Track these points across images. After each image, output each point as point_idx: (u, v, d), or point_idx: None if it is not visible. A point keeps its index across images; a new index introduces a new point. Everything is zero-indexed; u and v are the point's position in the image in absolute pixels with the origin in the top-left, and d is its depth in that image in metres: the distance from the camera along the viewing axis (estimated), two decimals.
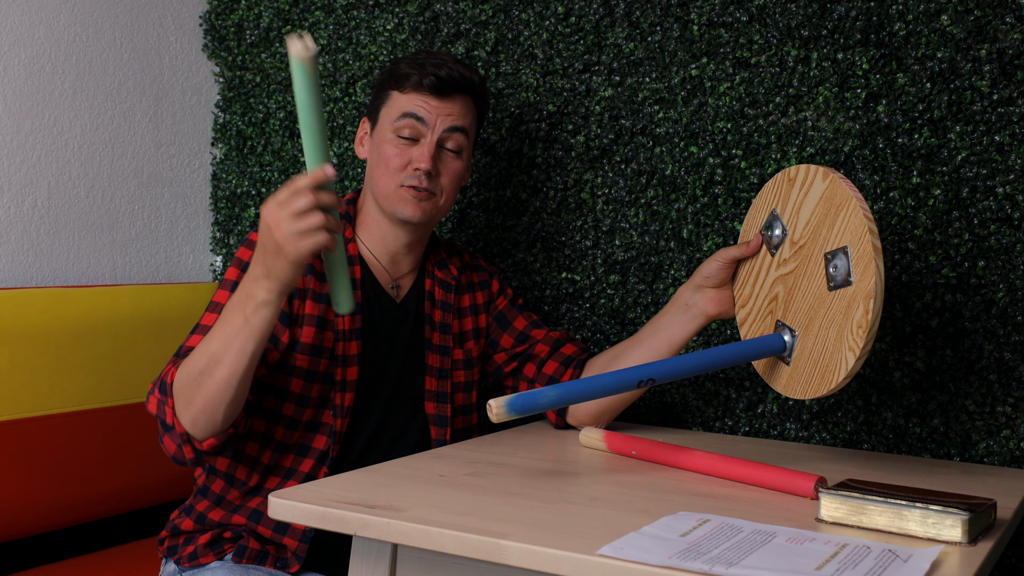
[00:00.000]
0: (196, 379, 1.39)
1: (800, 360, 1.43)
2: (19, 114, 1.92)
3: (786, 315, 1.46)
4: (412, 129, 1.62)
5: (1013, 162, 1.59)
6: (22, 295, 1.80)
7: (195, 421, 1.41)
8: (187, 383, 1.40)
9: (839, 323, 1.35)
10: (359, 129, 1.71)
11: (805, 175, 1.45)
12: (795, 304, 1.45)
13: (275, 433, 1.56)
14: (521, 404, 1.35)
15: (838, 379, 1.34)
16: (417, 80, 1.62)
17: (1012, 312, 1.60)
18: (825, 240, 1.40)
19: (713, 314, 1.59)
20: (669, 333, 1.62)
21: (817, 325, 1.39)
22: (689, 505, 1.23)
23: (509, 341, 1.73)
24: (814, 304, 1.40)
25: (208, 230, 2.30)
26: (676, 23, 1.82)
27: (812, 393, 1.39)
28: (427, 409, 1.67)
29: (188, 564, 1.56)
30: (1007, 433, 1.61)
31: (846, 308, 1.34)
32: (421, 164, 1.61)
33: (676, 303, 1.62)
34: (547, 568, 1.04)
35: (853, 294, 1.33)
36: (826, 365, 1.37)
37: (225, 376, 1.37)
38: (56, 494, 1.80)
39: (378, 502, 1.18)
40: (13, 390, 1.74)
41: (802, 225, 1.45)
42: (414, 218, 1.62)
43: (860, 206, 1.34)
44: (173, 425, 1.42)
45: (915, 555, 1.05)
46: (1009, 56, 1.60)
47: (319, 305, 1.58)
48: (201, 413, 1.40)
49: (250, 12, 2.22)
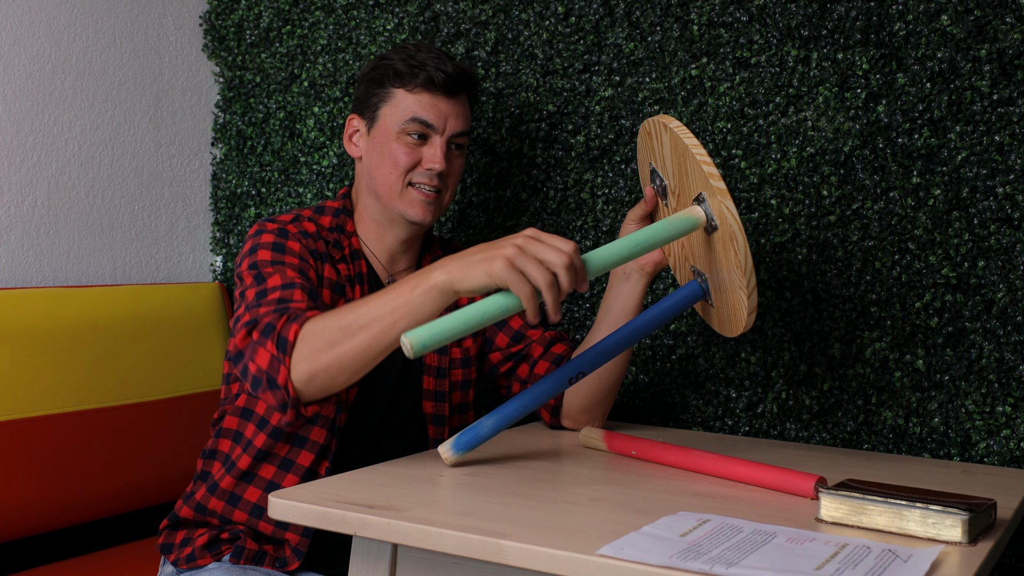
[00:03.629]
0: (331, 336, 1.32)
1: (717, 301, 1.46)
2: (19, 114, 1.92)
3: (695, 261, 1.50)
4: (423, 129, 1.62)
5: (1013, 162, 1.59)
6: (22, 295, 1.80)
7: (312, 379, 1.34)
8: (319, 340, 1.33)
9: (726, 265, 1.39)
10: (348, 126, 1.69)
11: (654, 128, 1.48)
12: (696, 250, 1.48)
13: (272, 417, 1.55)
14: (466, 441, 1.38)
15: (743, 317, 1.38)
16: (427, 78, 1.61)
17: (1012, 312, 1.60)
18: (690, 187, 1.43)
19: (650, 269, 1.61)
20: (621, 304, 1.62)
21: (715, 268, 1.43)
22: (689, 505, 1.23)
23: (504, 340, 1.73)
24: (706, 248, 1.44)
25: (208, 230, 2.30)
26: (676, 23, 1.82)
27: (734, 331, 1.43)
28: (424, 408, 1.67)
29: (186, 565, 1.56)
30: (1007, 433, 1.61)
31: (723, 250, 1.38)
32: (435, 165, 1.61)
33: (615, 278, 1.64)
34: (547, 568, 1.04)
35: (722, 237, 1.37)
36: (733, 304, 1.41)
37: (365, 343, 1.31)
38: (56, 494, 1.80)
39: (378, 502, 1.18)
40: (13, 390, 1.74)
41: (671, 175, 1.48)
42: (423, 220, 1.63)
43: (695, 152, 1.36)
44: (284, 386, 1.35)
45: (915, 555, 1.05)
46: (1009, 56, 1.60)
47: (333, 295, 1.59)
48: (324, 372, 1.33)
49: (250, 12, 2.22)
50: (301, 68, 2.16)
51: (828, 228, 1.71)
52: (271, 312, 1.41)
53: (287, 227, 1.58)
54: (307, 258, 1.55)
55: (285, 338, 1.35)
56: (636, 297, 1.61)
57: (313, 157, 2.14)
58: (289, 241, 1.55)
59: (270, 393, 1.37)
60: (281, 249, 1.54)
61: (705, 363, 1.81)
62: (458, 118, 1.64)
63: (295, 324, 1.36)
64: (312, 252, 1.57)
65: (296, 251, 1.55)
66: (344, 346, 1.32)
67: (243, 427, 1.58)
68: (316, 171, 2.14)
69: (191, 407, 2.02)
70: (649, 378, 1.86)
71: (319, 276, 1.57)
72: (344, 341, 1.32)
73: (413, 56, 1.63)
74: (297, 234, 1.57)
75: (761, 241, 1.76)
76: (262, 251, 1.53)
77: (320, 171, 2.14)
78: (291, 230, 1.57)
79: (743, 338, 1.77)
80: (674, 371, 1.84)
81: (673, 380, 1.84)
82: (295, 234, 1.57)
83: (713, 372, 1.80)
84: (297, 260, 1.54)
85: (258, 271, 1.50)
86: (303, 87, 2.16)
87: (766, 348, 1.76)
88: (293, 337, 1.35)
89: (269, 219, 1.60)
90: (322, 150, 2.13)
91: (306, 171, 2.15)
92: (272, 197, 2.20)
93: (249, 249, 1.55)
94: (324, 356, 1.33)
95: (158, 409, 1.97)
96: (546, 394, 1.43)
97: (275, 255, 1.53)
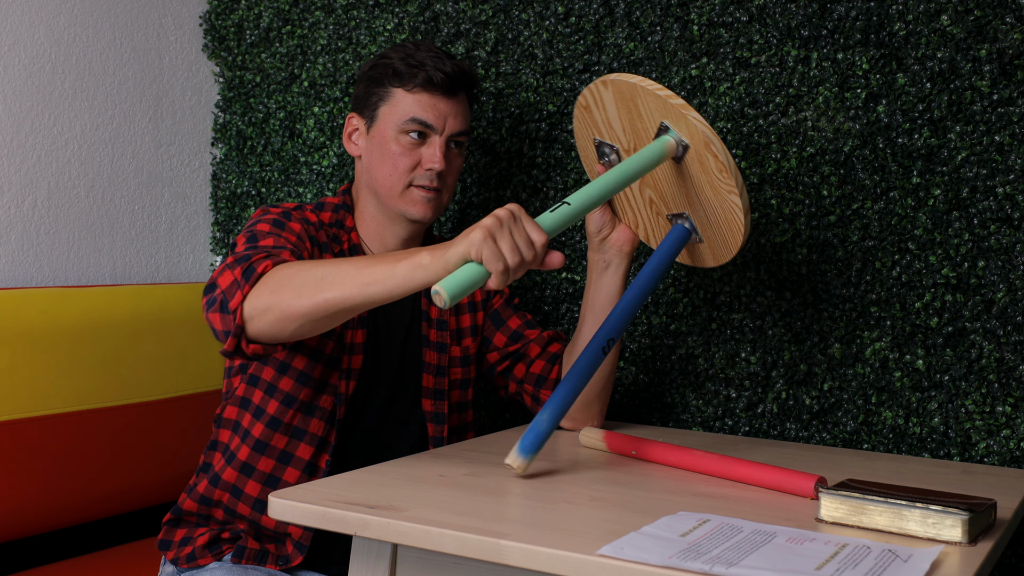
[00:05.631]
0: (300, 282, 1.30)
1: (707, 230, 1.47)
2: (19, 114, 1.92)
3: (670, 207, 1.51)
4: (422, 129, 1.62)
5: (1013, 162, 1.59)
6: (22, 295, 1.80)
7: (264, 312, 1.32)
8: (287, 281, 1.32)
9: (707, 181, 1.40)
10: (347, 125, 1.69)
11: (592, 96, 1.49)
12: (668, 193, 1.49)
13: (268, 406, 1.56)
14: (530, 443, 1.35)
15: (741, 221, 1.40)
16: (426, 78, 1.61)
17: (1012, 312, 1.60)
18: (646, 131, 1.44)
19: (627, 250, 1.62)
20: (604, 293, 1.63)
21: (695, 196, 1.44)
22: (689, 505, 1.23)
23: (502, 340, 1.73)
24: (679, 182, 1.45)
25: (208, 230, 2.30)
26: (676, 23, 1.82)
27: (735, 246, 1.44)
28: (424, 406, 1.67)
29: (186, 565, 1.56)
30: (1007, 433, 1.61)
31: (701, 167, 1.39)
32: (435, 165, 1.61)
33: (593, 269, 1.64)
34: (547, 568, 1.04)
35: (696, 154, 1.38)
36: (727, 218, 1.42)
37: (331, 300, 1.28)
38: (56, 494, 1.80)
39: (378, 502, 1.18)
40: (13, 390, 1.74)
41: (622, 135, 1.49)
42: (424, 218, 1.63)
43: (645, 85, 1.39)
44: (234, 311, 1.33)
45: (915, 555, 1.05)
46: (1009, 56, 1.60)
47: None
48: (279, 311, 1.31)
49: (250, 12, 2.22)
50: (301, 68, 2.17)
51: (828, 228, 1.71)
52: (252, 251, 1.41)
53: (291, 211, 1.59)
54: (305, 240, 1.55)
55: (254, 269, 1.35)
56: (618, 283, 1.63)
57: (313, 157, 2.15)
58: (290, 222, 1.56)
59: (219, 316, 1.35)
60: (280, 225, 1.54)
61: (705, 363, 1.81)
62: (457, 118, 1.64)
63: (268, 261, 1.36)
64: (312, 239, 1.58)
65: (296, 231, 1.55)
66: (308, 295, 1.30)
67: (241, 416, 1.59)
68: (316, 171, 2.14)
69: (191, 407, 2.02)
70: (649, 378, 1.86)
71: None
72: (311, 291, 1.29)
73: (412, 55, 1.63)
74: (300, 218, 1.58)
75: (761, 241, 1.76)
76: (261, 224, 1.53)
77: (320, 171, 2.14)
78: (294, 215, 1.59)
79: (743, 338, 1.77)
80: (674, 371, 1.84)
81: (673, 380, 1.84)
82: (297, 218, 1.58)
83: (713, 372, 1.80)
84: (295, 237, 1.53)
85: (252, 233, 1.50)
86: (303, 87, 2.16)
87: (766, 348, 1.76)
88: (262, 270, 1.34)
89: (272, 204, 1.61)
90: (322, 150, 2.13)
91: (306, 171, 2.15)
92: (272, 197, 2.20)
93: (247, 226, 1.56)
94: (286, 294, 1.31)
95: (158, 409, 1.97)
96: (585, 371, 1.42)
97: (273, 228, 1.53)
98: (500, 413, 2.00)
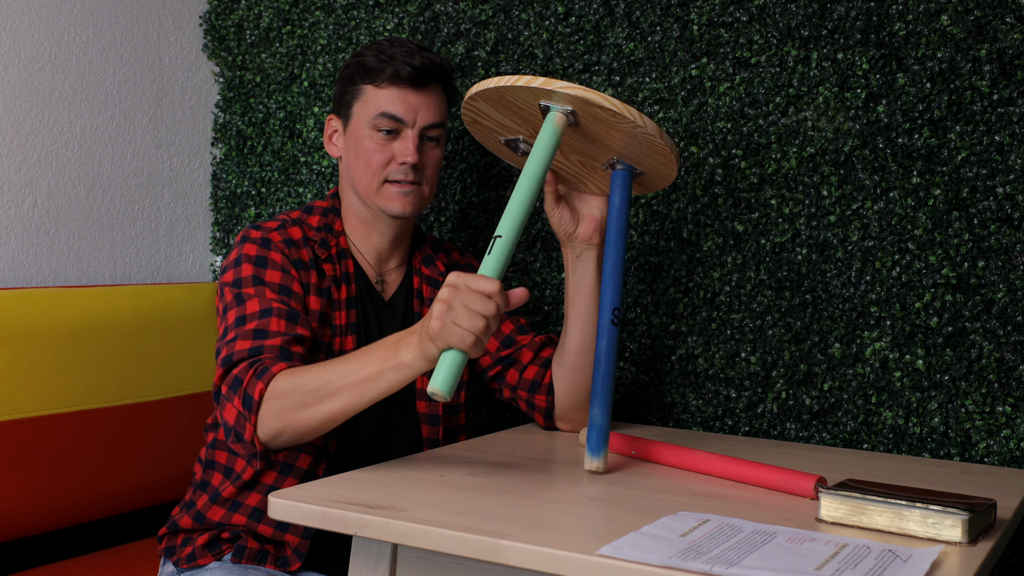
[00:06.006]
0: (300, 398, 1.35)
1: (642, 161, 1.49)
2: (19, 114, 1.92)
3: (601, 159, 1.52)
4: (392, 124, 1.61)
5: (1013, 162, 1.59)
6: (22, 295, 1.80)
7: (279, 435, 1.38)
8: (287, 400, 1.36)
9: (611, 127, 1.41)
10: (327, 127, 1.70)
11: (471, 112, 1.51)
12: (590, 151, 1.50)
13: None
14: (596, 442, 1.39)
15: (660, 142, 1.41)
16: (393, 72, 1.60)
17: (1012, 312, 1.60)
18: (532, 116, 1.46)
19: (596, 241, 1.62)
20: (584, 285, 1.63)
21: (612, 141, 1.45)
22: (689, 505, 1.23)
23: (494, 345, 1.72)
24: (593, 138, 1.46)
25: (208, 230, 2.30)
26: (676, 23, 1.82)
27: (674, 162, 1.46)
28: (418, 408, 1.67)
29: (187, 565, 1.56)
30: (1007, 433, 1.61)
31: (597, 121, 1.41)
32: (407, 158, 1.60)
33: (568, 265, 1.65)
34: (547, 568, 1.04)
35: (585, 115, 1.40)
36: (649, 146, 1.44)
37: (333, 411, 1.35)
38: (56, 494, 1.80)
39: (378, 502, 1.18)
40: (13, 390, 1.74)
41: (519, 126, 1.51)
42: (404, 212, 1.63)
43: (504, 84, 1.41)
44: (251, 441, 1.39)
45: (915, 555, 1.05)
46: (1009, 56, 1.60)
47: (320, 299, 1.59)
48: (292, 429, 1.38)
49: (250, 12, 2.22)
50: (301, 68, 2.16)
51: (828, 228, 1.71)
52: (244, 352, 1.44)
53: (270, 235, 1.58)
54: (289, 269, 1.57)
55: (251, 396, 1.38)
56: (595, 271, 1.63)
57: (313, 157, 2.15)
58: (271, 252, 1.56)
59: (239, 446, 1.42)
60: (263, 263, 1.55)
61: (705, 363, 1.81)
62: (429, 110, 1.63)
63: (260, 383, 1.38)
64: (295, 262, 1.58)
65: (278, 263, 1.56)
66: (313, 409, 1.35)
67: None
68: (316, 171, 2.14)
69: (190, 407, 2.02)
70: (649, 378, 1.86)
71: (304, 285, 1.57)
72: (313, 405, 1.35)
73: (384, 51, 1.62)
74: (280, 243, 1.58)
75: (761, 241, 1.76)
76: (245, 264, 1.55)
77: (320, 171, 2.14)
78: (274, 239, 1.58)
79: (743, 338, 1.77)
80: (674, 371, 1.84)
81: (673, 380, 1.84)
82: (278, 244, 1.57)
83: (713, 372, 1.80)
84: (279, 274, 1.55)
85: (239, 291, 1.53)
86: (303, 87, 2.16)
87: (766, 348, 1.76)
88: (258, 396, 1.38)
89: (254, 226, 1.60)
90: (322, 150, 2.13)
91: (306, 171, 2.15)
92: (272, 197, 2.20)
93: (234, 260, 1.56)
94: (292, 416, 1.36)
95: (157, 409, 1.97)
96: (608, 350, 1.43)
97: (256, 270, 1.54)
98: (499, 413, 2.00)
